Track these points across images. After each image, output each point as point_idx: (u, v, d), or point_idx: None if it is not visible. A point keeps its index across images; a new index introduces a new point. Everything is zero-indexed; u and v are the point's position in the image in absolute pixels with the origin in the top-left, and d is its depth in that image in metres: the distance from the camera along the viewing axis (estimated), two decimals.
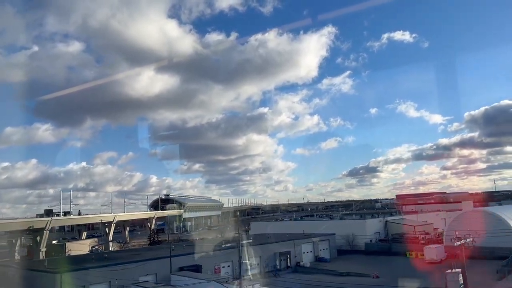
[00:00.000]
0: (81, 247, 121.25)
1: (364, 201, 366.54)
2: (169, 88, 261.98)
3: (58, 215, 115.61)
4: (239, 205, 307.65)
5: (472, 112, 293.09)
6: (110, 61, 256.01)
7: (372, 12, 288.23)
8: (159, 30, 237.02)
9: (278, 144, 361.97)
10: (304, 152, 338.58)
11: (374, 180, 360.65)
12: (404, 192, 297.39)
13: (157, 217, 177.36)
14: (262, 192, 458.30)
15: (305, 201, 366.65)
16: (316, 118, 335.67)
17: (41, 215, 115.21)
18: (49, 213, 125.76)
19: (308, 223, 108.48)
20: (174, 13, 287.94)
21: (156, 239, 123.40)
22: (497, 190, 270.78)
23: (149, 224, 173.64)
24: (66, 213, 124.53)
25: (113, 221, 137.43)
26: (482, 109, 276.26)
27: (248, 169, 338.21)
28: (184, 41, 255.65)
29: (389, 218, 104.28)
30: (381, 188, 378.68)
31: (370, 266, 76.37)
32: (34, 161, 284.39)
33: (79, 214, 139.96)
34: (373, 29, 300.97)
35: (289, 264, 79.86)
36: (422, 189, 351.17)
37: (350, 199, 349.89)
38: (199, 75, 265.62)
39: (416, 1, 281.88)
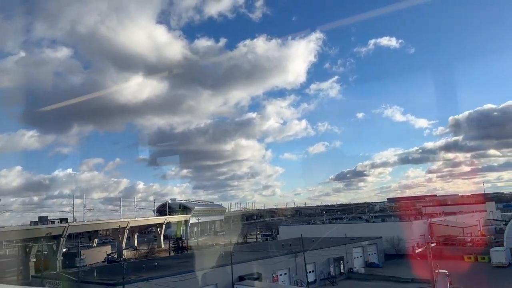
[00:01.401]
0: (96, 254, 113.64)
1: (360, 204, 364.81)
2: (157, 93, 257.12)
3: (53, 222, 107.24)
4: (237, 209, 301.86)
5: (456, 116, 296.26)
6: (98, 67, 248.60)
7: (360, 18, 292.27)
8: (148, 36, 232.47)
9: (266, 149, 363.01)
10: (292, 156, 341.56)
11: (361, 184, 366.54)
12: (391, 195, 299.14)
13: (167, 222, 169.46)
14: (250, 197, 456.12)
15: (305, 205, 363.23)
16: (304, 123, 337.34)
17: (35, 223, 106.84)
18: (43, 220, 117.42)
19: (344, 226, 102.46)
20: (163, 19, 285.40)
21: (181, 245, 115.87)
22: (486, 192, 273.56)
23: (158, 230, 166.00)
24: (62, 220, 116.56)
25: (126, 226, 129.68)
26: (466, 113, 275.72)
27: (236, 174, 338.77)
28: (173, 47, 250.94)
29: (433, 220, 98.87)
30: (368, 192, 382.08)
31: (425, 271, 70.85)
32: (18, 168, 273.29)
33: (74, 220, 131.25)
34: (360, 35, 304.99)
35: (342, 270, 73.73)
36: (408, 193, 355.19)
37: (337, 203, 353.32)
38: (188, 81, 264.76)
39: (403, 8, 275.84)
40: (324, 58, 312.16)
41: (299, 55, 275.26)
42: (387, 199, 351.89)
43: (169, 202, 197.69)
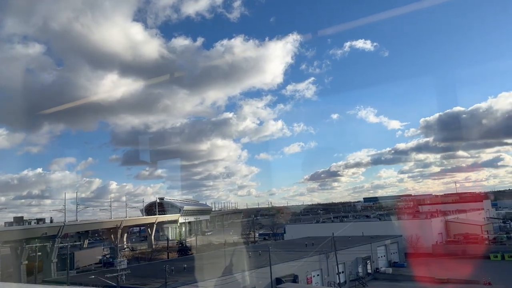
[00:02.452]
0: (89, 256, 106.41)
1: (345, 203, 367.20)
2: (132, 92, 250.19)
3: (29, 223, 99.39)
4: (222, 209, 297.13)
5: (427, 118, 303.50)
6: (72, 65, 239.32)
7: (336, 21, 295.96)
8: (123, 34, 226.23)
9: (242, 149, 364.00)
10: (268, 157, 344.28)
11: (335, 184, 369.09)
12: (365, 195, 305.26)
13: (158, 222, 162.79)
14: (225, 197, 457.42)
15: (287, 205, 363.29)
16: (280, 123, 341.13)
17: (10, 223, 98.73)
18: (19, 220, 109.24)
19: (358, 224, 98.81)
20: (140, 17, 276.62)
21: (184, 245, 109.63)
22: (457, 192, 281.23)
23: (149, 229, 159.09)
24: (39, 220, 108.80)
25: (120, 226, 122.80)
26: (437, 115, 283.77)
27: (211, 174, 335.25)
28: (150, 45, 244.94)
29: (449, 218, 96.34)
30: (341, 191, 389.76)
31: (455, 270, 67.95)
32: None
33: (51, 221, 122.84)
34: (336, 37, 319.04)
35: (369, 270, 69.96)
36: (380, 192, 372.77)
37: (312, 203, 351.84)
38: (164, 80, 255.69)
39: (379, 13, 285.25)
40: (301, 60, 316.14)
41: (277, 56, 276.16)
42: (363, 198, 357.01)
43: (158, 201, 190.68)
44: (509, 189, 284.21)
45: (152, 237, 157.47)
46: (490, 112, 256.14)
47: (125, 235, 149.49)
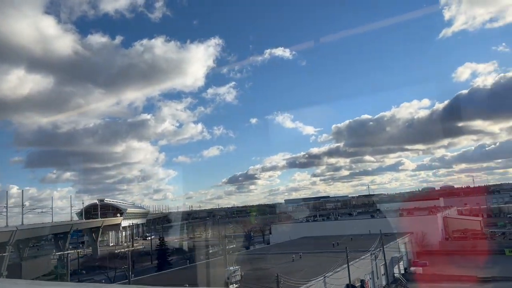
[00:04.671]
0: (39, 266, 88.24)
1: (264, 206, 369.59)
2: (40, 89, 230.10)
3: None
4: (156, 212, 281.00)
5: (339, 125, 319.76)
6: None
7: (257, 28, 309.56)
8: (33, 26, 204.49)
9: (160, 151, 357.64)
10: (186, 160, 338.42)
11: (252, 187, 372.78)
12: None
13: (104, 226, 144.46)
14: (139, 202, 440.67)
15: (218, 207, 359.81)
16: (200, 126, 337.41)
17: None
18: None
19: (360, 222, 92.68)
20: (53, 10, 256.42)
21: (165, 247, 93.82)
22: (370, 194, 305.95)
23: (94, 235, 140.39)
24: None
25: (70, 231, 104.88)
26: (347, 122, 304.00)
27: (126, 177, 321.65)
28: (62, 41, 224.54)
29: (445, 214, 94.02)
30: (258, 194, 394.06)
31: (483, 268, 64.55)
32: None
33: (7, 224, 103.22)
34: (257, 44, 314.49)
35: (402, 271, 63.63)
36: (294, 195, 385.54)
37: (229, 205, 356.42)
38: (78, 77, 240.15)
39: (296, 22, 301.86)
40: (222, 64, 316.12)
41: (198, 59, 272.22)
42: (284, 200, 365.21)
43: (98, 203, 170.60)
44: (418, 191, 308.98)
45: (98, 243, 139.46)
46: (393, 121, 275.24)
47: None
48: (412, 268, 66.46)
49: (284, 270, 43.16)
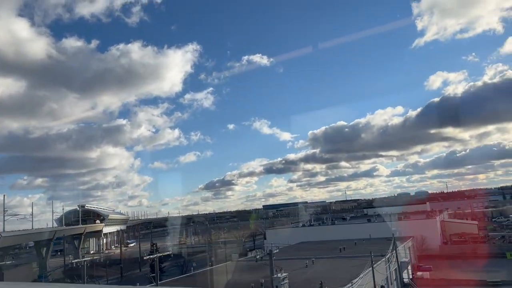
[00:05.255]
0: (21, 274, 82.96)
1: (248, 211, 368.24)
2: (12, 93, 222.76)
3: None
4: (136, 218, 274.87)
5: (315, 131, 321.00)
6: None
7: (236, 34, 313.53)
8: (5, 29, 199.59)
9: (135, 157, 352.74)
10: (162, 166, 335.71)
11: (229, 192, 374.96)
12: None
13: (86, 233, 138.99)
14: (113, 208, 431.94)
15: (197, 213, 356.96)
16: (176, 132, 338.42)
17: None
18: None
19: (357, 226, 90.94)
20: (26, 13, 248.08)
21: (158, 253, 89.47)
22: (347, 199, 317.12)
23: (75, 242, 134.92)
24: None
25: (53, 238, 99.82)
26: (323, 128, 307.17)
27: (100, 183, 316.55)
28: (36, 44, 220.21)
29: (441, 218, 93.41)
30: (234, 200, 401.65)
31: (489, 272, 63.86)
32: None
33: None
34: (235, 50, 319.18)
35: (410, 276, 62.14)
36: (271, 201, 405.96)
37: (205, 212, 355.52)
38: (51, 81, 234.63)
39: (274, 29, 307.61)
40: (200, 70, 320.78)
41: (176, 64, 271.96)
42: (263, 206, 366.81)
43: (78, 209, 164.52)
44: (393, 196, 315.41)
45: (79, 251, 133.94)
46: (368, 127, 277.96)
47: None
48: (419, 273, 65.06)
49: (304, 277, 40.90)
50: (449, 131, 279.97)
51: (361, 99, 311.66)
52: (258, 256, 44.31)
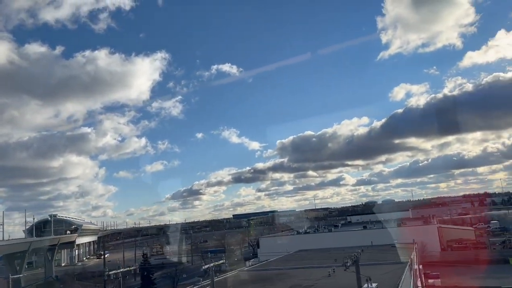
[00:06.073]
0: None
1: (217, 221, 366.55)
2: None
3: None
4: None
5: (283, 141, 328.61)
6: None
7: (205, 43, 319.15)
8: None
9: (100, 166, 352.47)
10: (128, 175, 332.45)
11: (197, 202, 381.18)
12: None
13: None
14: (84, 218, 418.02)
15: (169, 223, 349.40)
16: (143, 140, 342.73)
17: None
18: None
19: (355, 233, 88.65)
20: None
21: (149, 264, 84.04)
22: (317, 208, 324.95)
23: (48, 254, 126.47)
24: None
25: (28, 249, 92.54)
26: (290, 137, 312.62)
27: (62, 193, 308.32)
28: None
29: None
30: (202, 210, 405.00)
31: (496, 279, 63.01)
32: None
33: None
34: (204, 59, 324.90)
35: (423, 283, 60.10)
36: (239, 210, 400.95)
37: (172, 222, 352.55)
38: (12, 88, 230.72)
39: (243, 39, 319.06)
40: (169, 78, 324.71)
41: (144, 72, 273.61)
42: (233, 215, 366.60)
43: (49, 218, 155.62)
44: (361, 204, 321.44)
45: (53, 263, 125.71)
46: (334, 137, 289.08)
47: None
48: (430, 280, 63.25)
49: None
50: (412, 141, 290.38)
51: (328, 109, 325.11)
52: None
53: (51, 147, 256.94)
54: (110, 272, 38.44)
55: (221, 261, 48.82)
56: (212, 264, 31.92)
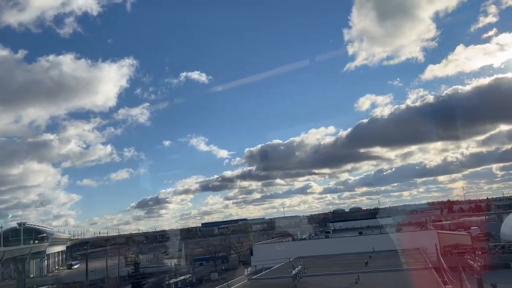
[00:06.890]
0: None
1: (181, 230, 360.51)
2: None
3: None
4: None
5: (251, 149, 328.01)
6: None
7: (174, 50, 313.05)
8: None
9: (63, 174, 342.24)
10: (92, 183, 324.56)
11: (163, 211, 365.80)
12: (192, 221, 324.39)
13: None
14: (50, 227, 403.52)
15: (139, 232, 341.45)
16: (109, 148, 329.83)
17: None
18: None
19: (354, 239, 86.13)
20: None
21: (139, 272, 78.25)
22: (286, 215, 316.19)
23: (18, 264, 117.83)
24: None
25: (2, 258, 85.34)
26: (259, 146, 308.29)
27: (21, 202, 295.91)
28: None
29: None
30: (168, 219, 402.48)
31: (502, 284, 62.11)
32: None
33: None
34: (173, 66, 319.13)
35: None
36: (206, 218, 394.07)
37: (137, 231, 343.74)
38: None
39: (213, 47, 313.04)
40: (136, 84, 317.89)
41: (111, 78, 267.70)
42: (202, 224, 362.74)
43: (18, 227, 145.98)
44: (330, 212, 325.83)
45: (23, 274, 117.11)
46: (302, 146, 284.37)
47: None
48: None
49: None
50: (377, 150, 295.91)
51: (296, 119, 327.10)
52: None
53: (10, 154, 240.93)
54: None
55: (188, 275, 45.08)
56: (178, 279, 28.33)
